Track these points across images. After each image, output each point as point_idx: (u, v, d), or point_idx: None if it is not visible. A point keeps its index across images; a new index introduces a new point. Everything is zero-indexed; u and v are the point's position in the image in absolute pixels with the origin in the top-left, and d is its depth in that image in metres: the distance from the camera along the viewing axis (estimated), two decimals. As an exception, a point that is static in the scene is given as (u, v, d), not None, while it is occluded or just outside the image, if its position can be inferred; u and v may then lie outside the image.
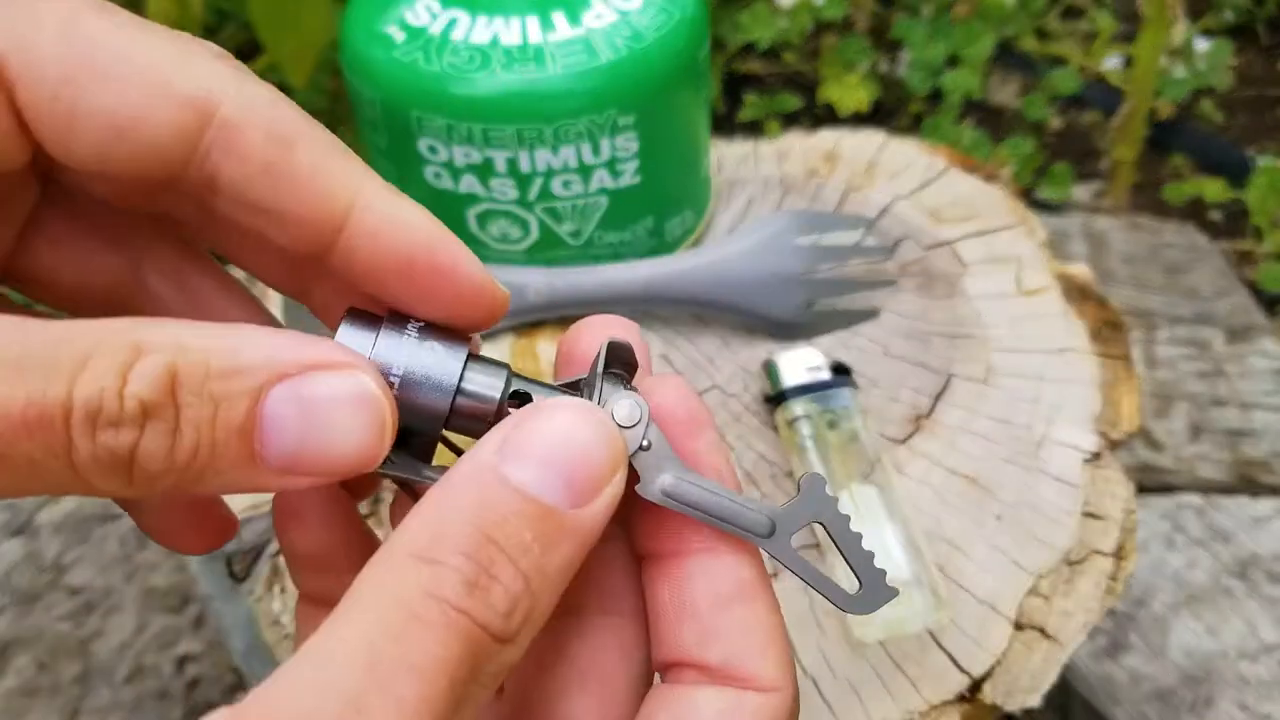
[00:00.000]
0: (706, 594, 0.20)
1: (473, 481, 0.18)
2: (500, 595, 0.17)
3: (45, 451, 0.16)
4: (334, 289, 0.23)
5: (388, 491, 0.38)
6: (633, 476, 0.20)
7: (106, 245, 0.23)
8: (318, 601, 0.23)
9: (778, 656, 0.20)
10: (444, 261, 0.20)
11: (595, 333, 0.22)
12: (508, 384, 0.21)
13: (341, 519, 0.22)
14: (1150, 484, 0.75)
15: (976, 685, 0.34)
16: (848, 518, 0.21)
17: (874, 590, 0.21)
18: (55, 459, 0.16)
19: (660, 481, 0.20)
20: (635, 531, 0.22)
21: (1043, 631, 0.35)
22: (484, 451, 0.19)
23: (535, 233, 0.43)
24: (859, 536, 0.21)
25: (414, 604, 0.17)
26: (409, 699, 0.16)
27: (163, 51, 0.18)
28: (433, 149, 0.41)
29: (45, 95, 0.18)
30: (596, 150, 0.40)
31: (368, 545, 0.23)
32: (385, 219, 0.20)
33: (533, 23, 0.40)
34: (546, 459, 0.18)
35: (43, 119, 0.18)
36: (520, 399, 0.21)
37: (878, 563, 0.22)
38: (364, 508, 0.38)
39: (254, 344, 0.18)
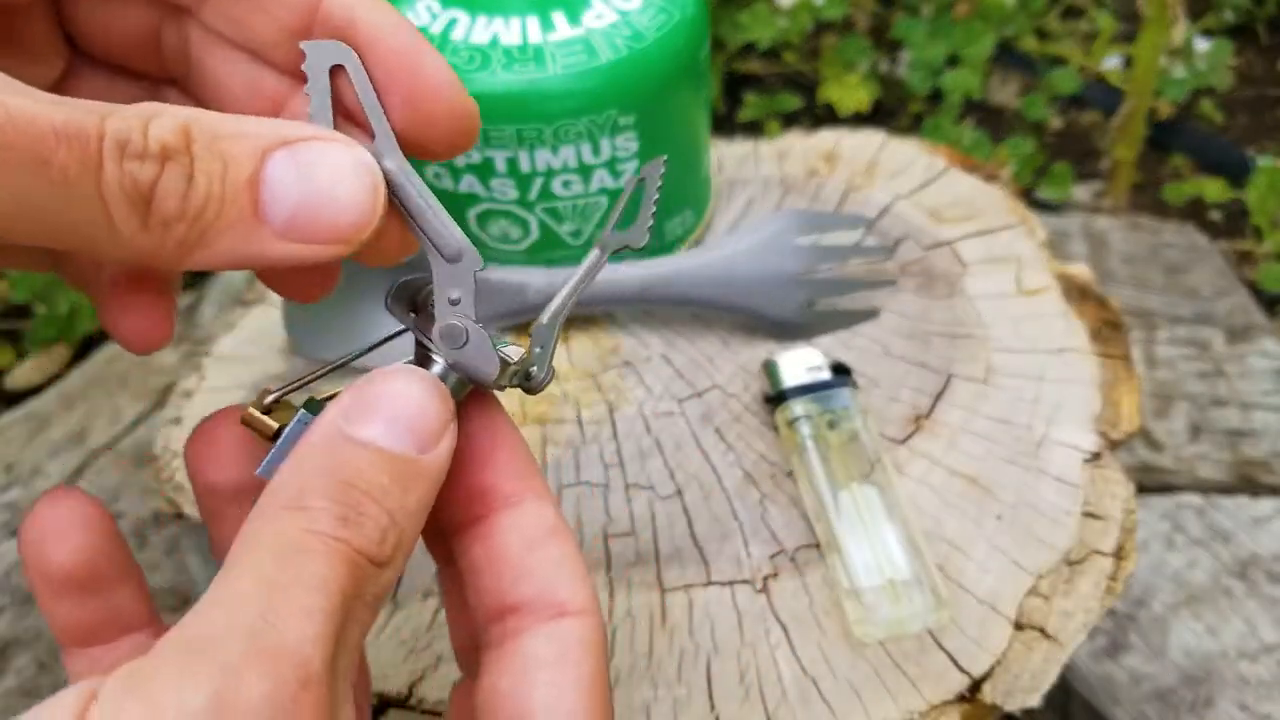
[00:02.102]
0: (516, 542, 0.22)
1: (325, 444, 0.20)
2: (371, 526, 0.19)
3: (80, 166, 0.18)
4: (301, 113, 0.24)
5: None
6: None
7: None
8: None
9: (585, 583, 0.22)
10: (407, 40, 0.22)
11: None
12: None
13: (103, 536, 0.23)
14: (1150, 484, 0.75)
15: (976, 685, 0.34)
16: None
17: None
18: (87, 176, 0.18)
19: (451, 266, 0.22)
20: (440, 511, 0.23)
21: (1043, 631, 0.35)
22: (327, 419, 0.21)
23: (535, 233, 0.43)
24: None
25: (296, 540, 0.19)
26: (311, 608, 0.18)
27: None
28: (433, 149, 0.41)
29: None
30: (596, 150, 0.40)
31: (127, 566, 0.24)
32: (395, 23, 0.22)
33: (532, 23, 0.40)
34: (393, 416, 0.21)
35: None
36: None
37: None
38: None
39: (257, 119, 0.20)
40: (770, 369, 0.40)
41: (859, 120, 1.16)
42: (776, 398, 0.40)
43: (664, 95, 0.41)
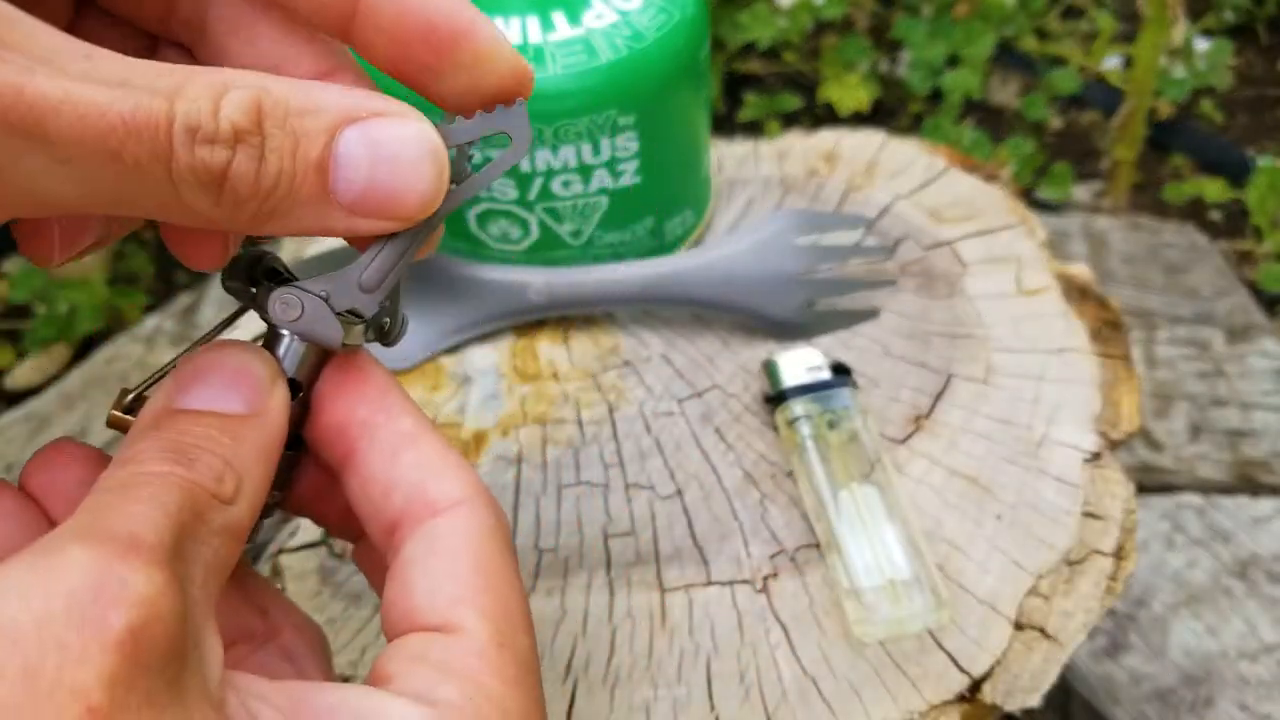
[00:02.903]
0: (378, 460, 0.22)
1: (153, 419, 0.20)
2: (204, 466, 0.19)
3: (150, 156, 0.18)
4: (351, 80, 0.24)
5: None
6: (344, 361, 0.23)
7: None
8: None
9: (456, 474, 0.22)
10: (463, 27, 0.21)
11: None
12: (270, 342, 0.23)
13: (31, 519, 0.23)
14: (1150, 484, 0.75)
15: (976, 685, 0.34)
16: (464, 124, 0.22)
17: (517, 131, 0.22)
18: (158, 164, 0.18)
19: (361, 295, 0.22)
20: (320, 460, 0.24)
21: (1043, 631, 0.35)
22: (154, 402, 0.21)
23: (535, 233, 0.43)
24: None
25: (126, 481, 0.19)
26: (135, 512, 0.18)
27: None
28: (433, 149, 0.41)
29: None
30: (597, 150, 0.40)
31: None
32: None
33: (533, 23, 0.40)
34: (213, 383, 0.21)
35: None
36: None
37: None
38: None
39: (326, 91, 0.20)
40: (770, 369, 0.40)
41: (859, 120, 1.16)
42: (776, 398, 0.40)
43: (664, 95, 0.41)
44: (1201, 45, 1.23)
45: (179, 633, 0.17)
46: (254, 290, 0.23)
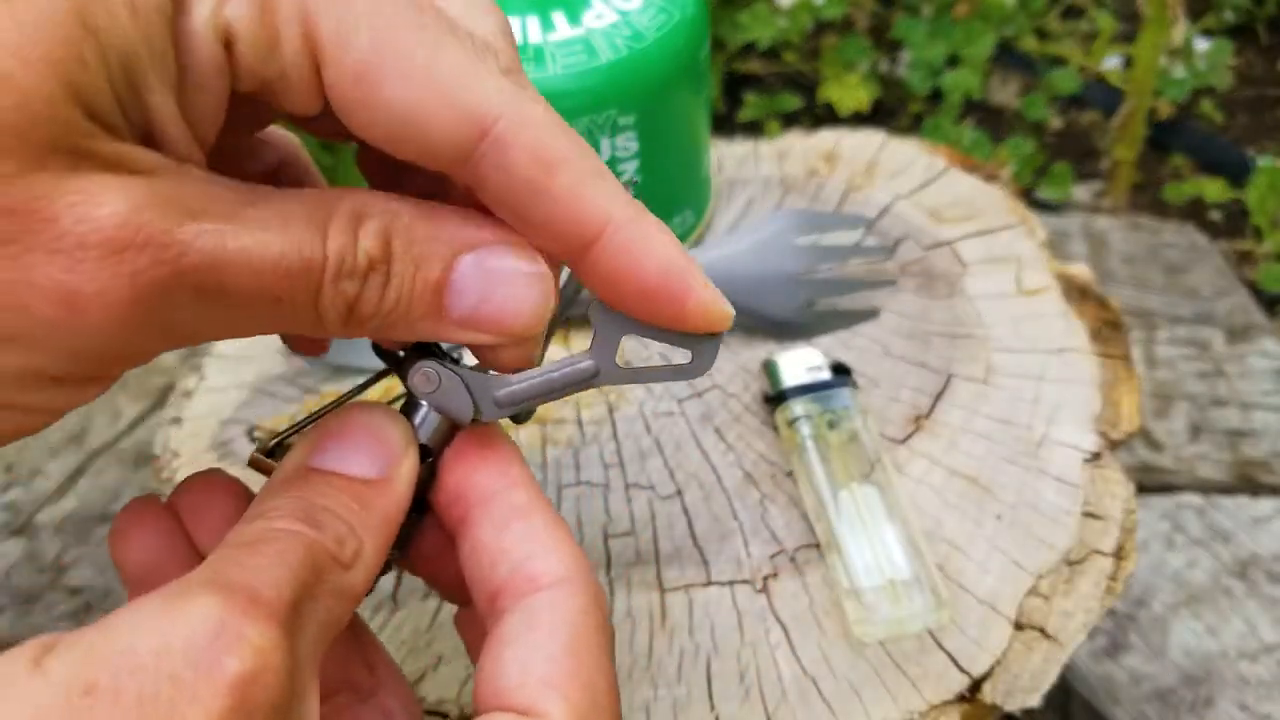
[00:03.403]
0: (489, 529, 0.23)
1: (289, 475, 0.22)
2: (330, 531, 0.20)
3: (304, 293, 0.19)
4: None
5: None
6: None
7: None
8: None
9: (561, 552, 0.23)
10: (677, 291, 0.23)
11: None
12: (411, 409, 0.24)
13: (174, 533, 0.24)
14: (1150, 484, 0.75)
15: (976, 685, 0.34)
16: (650, 327, 0.23)
17: (701, 353, 0.24)
18: (308, 298, 0.20)
19: (491, 405, 0.24)
20: (441, 524, 0.25)
21: (1043, 631, 0.35)
22: (293, 457, 0.22)
23: (535, 233, 0.43)
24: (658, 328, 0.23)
25: (256, 536, 0.20)
26: (260, 565, 0.19)
27: (457, 60, 0.20)
28: (433, 149, 0.41)
29: (347, 77, 0.20)
30: (596, 150, 0.40)
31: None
32: (631, 244, 0.22)
33: (533, 23, 0.40)
34: (351, 445, 0.22)
35: (339, 94, 0.20)
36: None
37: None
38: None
39: (449, 217, 0.21)
40: (770, 369, 0.40)
41: (859, 120, 1.16)
42: (776, 398, 0.40)
43: (664, 95, 0.41)
44: (1201, 45, 1.23)
45: (287, 688, 0.17)
46: (401, 355, 0.24)
